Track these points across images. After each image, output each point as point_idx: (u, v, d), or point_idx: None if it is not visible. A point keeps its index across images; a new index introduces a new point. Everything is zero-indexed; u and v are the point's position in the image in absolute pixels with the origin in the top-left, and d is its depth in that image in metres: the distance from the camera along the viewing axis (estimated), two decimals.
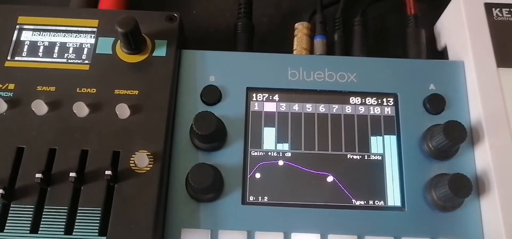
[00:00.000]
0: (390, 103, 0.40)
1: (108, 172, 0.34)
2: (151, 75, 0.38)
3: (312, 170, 0.38)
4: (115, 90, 0.37)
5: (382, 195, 0.37)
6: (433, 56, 0.45)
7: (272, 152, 0.38)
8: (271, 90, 0.40)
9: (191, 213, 0.36)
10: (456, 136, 0.35)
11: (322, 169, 0.38)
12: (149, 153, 0.35)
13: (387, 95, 0.40)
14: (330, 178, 0.37)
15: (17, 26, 0.40)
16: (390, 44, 0.48)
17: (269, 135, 0.39)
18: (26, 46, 0.39)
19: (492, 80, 0.38)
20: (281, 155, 0.38)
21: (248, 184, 0.37)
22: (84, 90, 0.37)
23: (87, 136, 0.36)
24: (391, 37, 0.48)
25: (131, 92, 0.37)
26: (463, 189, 0.34)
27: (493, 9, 0.40)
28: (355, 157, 0.38)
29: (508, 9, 0.41)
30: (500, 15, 0.40)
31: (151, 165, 0.35)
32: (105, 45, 0.39)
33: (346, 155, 0.38)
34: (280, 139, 0.39)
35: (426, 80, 0.40)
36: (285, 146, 0.38)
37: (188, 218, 0.36)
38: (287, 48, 0.45)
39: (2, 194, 0.33)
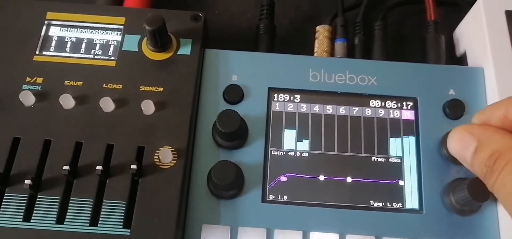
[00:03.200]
0: (410, 107, 0.40)
1: (133, 166, 0.34)
2: (176, 73, 0.39)
3: (332, 171, 0.38)
4: (141, 87, 0.38)
5: (400, 198, 0.38)
6: (452, 62, 0.45)
7: (292, 152, 0.39)
8: (292, 91, 0.40)
9: (212, 209, 0.37)
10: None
11: (342, 170, 0.38)
12: (173, 149, 0.36)
13: (407, 99, 0.40)
14: (349, 179, 0.38)
15: (46, 22, 0.41)
16: (409, 49, 0.48)
17: (289, 135, 0.39)
18: (54, 41, 0.40)
19: None
20: (301, 155, 0.39)
21: (268, 183, 0.38)
22: (110, 85, 0.38)
23: (113, 131, 0.37)
24: (411, 42, 0.49)
25: (156, 89, 0.38)
26: (481, 193, 0.34)
27: None
28: (374, 159, 0.39)
29: None
30: None
31: (174, 161, 0.36)
32: (131, 42, 0.40)
33: (365, 157, 0.39)
34: (300, 139, 0.39)
35: (446, 85, 0.40)
36: (305, 147, 0.39)
37: (208, 214, 0.37)
38: (307, 50, 0.46)
39: (29, 185, 0.34)
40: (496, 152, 0.30)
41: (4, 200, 0.34)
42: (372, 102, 0.40)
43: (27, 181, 0.34)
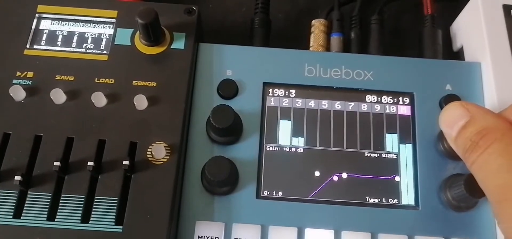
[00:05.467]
0: (406, 102, 0.40)
1: (125, 162, 0.34)
2: (169, 68, 0.38)
3: (327, 167, 0.38)
4: (133, 81, 0.38)
5: (396, 194, 0.37)
6: (448, 57, 0.45)
7: (287, 148, 0.38)
8: (287, 86, 0.40)
9: (206, 205, 0.36)
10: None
11: (337, 166, 0.38)
12: (166, 145, 0.35)
13: (403, 94, 0.40)
14: (344, 175, 0.38)
15: (36, 15, 0.40)
16: (405, 44, 0.48)
17: (284, 130, 0.39)
18: (45, 35, 0.40)
19: (510, 83, 0.38)
20: (296, 150, 0.38)
21: (263, 179, 0.37)
22: (102, 80, 0.38)
23: (105, 126, 0.36)
24: (407, 36, 0.48)
25: (149, 83, 0.38)
26: (478, 189, 0.34)
27: None
28: (370, 155, 0.38)
29: None
30: None
31: (168, 157, 0.35)
32: (124, 36, 0.39)
33: (361, 152, 0.38)
34: (295, 134, 0.39)
35: (442, 80, 0.40)
36: (300, 142, 0.38)
37: (202, 211, 0.36)
38: (302, 44, 0.45)
39: (20, 181, 0.33)
40: (485, 129, 0.30)
41: None
42: (368, 97, 0.40)
43: (18, 177, 0.33)
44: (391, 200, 0.37)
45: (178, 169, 0.35)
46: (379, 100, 0.40)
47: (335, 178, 0.37)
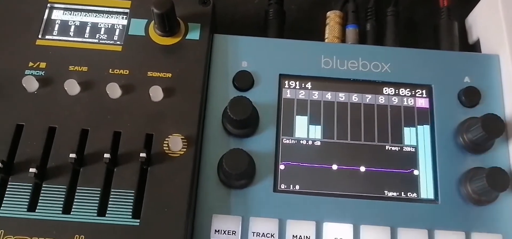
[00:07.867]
0: (424, 94, 0.39)
1: (142, 154, 0.33)
2: (184, 59, 0.38)
3: (345, 160, 0.37)
4: (148, 72, 0.37)
5: (415, 187, 0.37)
6: (464, 49, 0.44)
7: (304, 140, 0.38)
8: (304, 78, 0.39)
9: (222, 199, 0.36)
10: (494, 129, 0.35)
11: (355, 159, 0.37)
12: (182, 137, 0.35)
13: (421, 86, 0.39)
14: (362, 169, 0.37)
15: (48, 5, 0.39)
16: (421, 36, 0.47)
17: (301, 123, 0.38)
18: (57, 25, 0.39)
19: None
20: (313, 143, 0.38)
21: (280, 172, 0.37)
22: (116, 71, 0.37)
23: (120, 117, 0.35)
24: (422, 28, 0.48)
25: (164, 74, 0.37)
26: (500, 182, 0.33)
27: None
28: (388, 148, 0.38)
29: None
30: None
31: (184, 149, 0.35)
32: (138, 27, 0.39)
33: (379, 145, 0.38)
34: (312, 127, 0.38)
35: (461, 72, 0.40)
36: (317, 135, 0.38)
37: (219, 204, 0.36)
38: (316, 36, 0.45)
39: (34, 173, 0.32)
40: None
41: (8, 189, 0.33)
42: (385, 89, 0.39)
43: (32, 169, 0.32)
44: (410, 194, 0.37)
45: (195, 161, 0.35)
46: (397, 92, 0.39)
47: (353, 171, 0.37)
